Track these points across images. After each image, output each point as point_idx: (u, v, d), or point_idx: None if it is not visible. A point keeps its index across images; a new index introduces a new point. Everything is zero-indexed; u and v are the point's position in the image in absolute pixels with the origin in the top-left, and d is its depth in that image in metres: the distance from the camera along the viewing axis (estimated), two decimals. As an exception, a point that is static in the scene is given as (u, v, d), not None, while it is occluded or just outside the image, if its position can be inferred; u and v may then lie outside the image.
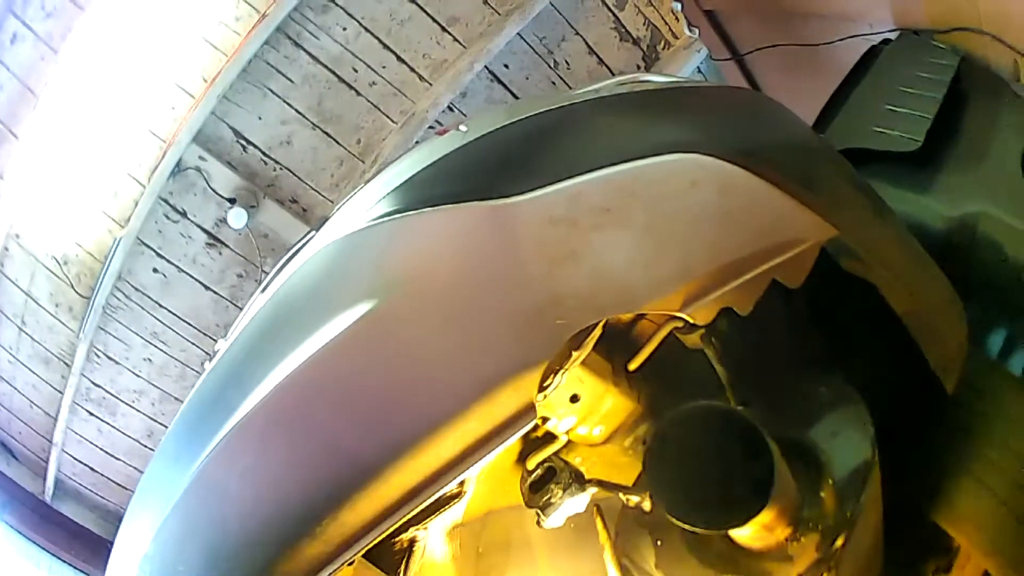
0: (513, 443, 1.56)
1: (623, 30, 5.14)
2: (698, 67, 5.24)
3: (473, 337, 1.29)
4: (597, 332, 1.38)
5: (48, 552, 5.36)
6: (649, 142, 1.42)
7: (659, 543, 1.71)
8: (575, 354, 1.39)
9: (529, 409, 1.27)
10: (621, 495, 1.72)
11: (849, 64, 3.26)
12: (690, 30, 4.89)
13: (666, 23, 5.22)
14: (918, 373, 1.69)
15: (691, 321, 1.37)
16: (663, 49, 5.31)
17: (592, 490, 1.70)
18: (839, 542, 1.53)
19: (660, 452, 1.44)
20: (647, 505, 1.69)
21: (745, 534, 1.56)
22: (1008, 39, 2.72)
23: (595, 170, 1.35)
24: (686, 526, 1.43)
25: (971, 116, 2.75)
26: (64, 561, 5.38)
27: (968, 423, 1.89)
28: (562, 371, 1.40)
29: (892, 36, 3.29)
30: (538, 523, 1.70)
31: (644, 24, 5.19)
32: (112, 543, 1.65)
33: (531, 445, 1.76)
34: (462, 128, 1.52)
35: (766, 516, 1.44)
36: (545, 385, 1.37)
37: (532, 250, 1.30)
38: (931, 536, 1.89)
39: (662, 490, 1.43)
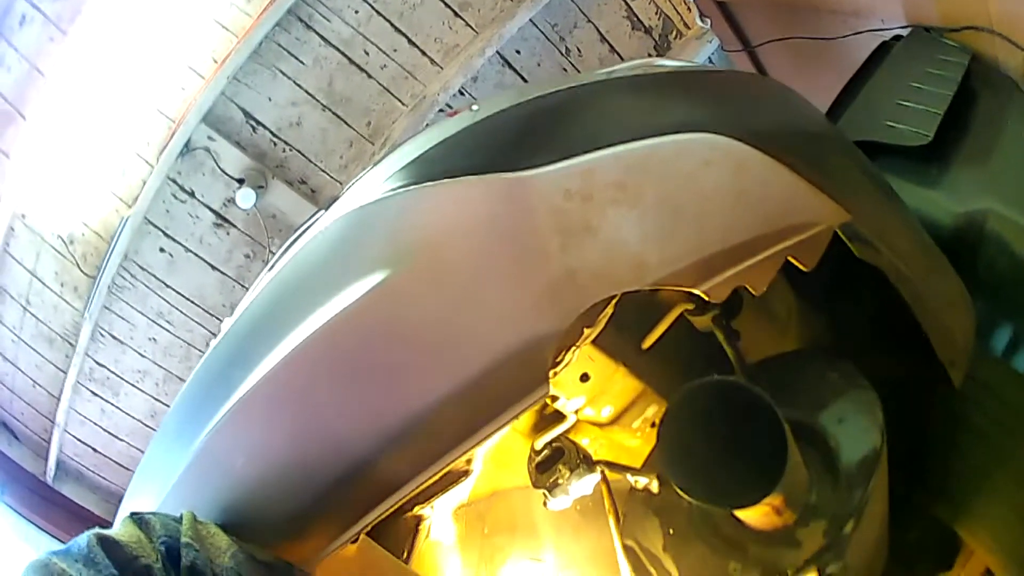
0: (521, 422, 1.56)
1: (635, 19, 5.13)
2: (709, 58, 5.22)
3: (485, 309, 1.28)
4: (609, 310, 1.37)
5: (49, 533, 5.35)
6: (664, 121, 1.41)
7: (671, 532, 1.71)
8: (587, 331, 1.38)
9: (541, 382, 1.27)
10: (629, 476, 1.72)
11: (859, 59, 3.26)
12: (702, 20, 4.90)
13: (678, 13, 5.20)
14: (925, 366, 1.69)
15: (705, 299, 1.36)
16: (675, 39, 5.29)
17: (599, 471, 1.71)
18: (847, 529, 1.53)
19: (673, 425, 1.44)
20: (655, 487, 1.70)
21: (754, 515, 1.56)
22: (1017, 39, 2.72)
23: (610, 146, 1.34)
24: (696, 502, 1.43)
25: (980, 114, 2.75)
26: (65, 543, 5.36)
27: (983, 426, 1.89)
28: (574, 348, 1.40)
29: (903, 33, 3.28)
30: (545, 504, 1.71)
31: (656, 13, 5.18)
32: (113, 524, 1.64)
33: (539, 425, 1.76)
34: (473, 108, 1.51)
35: (776, 498, 1.44)
36: (556, 362, 1.37)
37: (546, 223, 1.29)
38: (933, 531, 1.89)
39: (673, 464, 1.42)
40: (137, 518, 1.18)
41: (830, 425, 1.67)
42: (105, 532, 1.13)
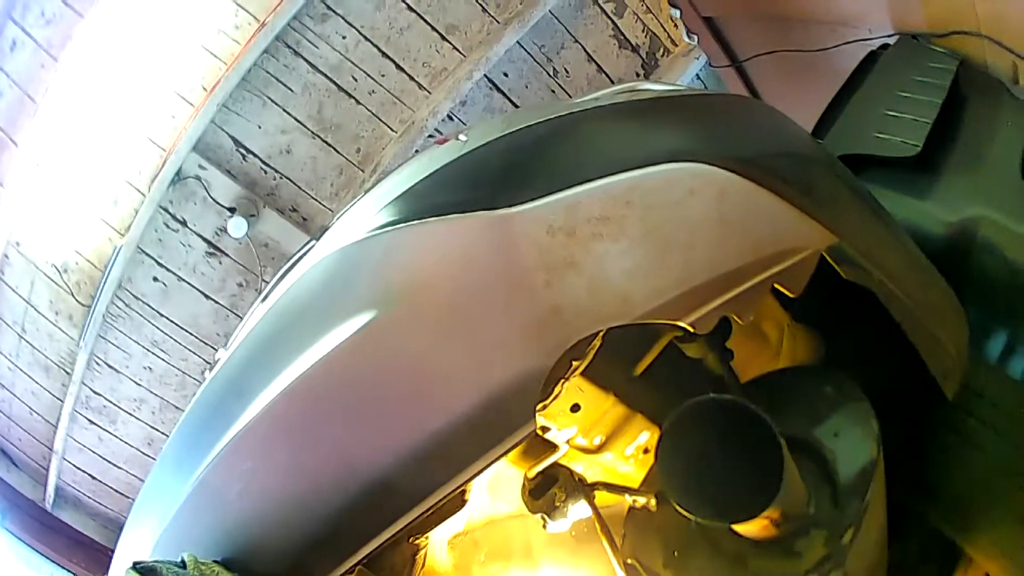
0: (514, 452, 1.56)
1: (622, 37, 5.14)
2: (697, 74, 5.25)
3: (472, 347, 1.29)
4: (597, 342, 1.37)
5: (49, 559, 5.35)
6: (646, 151, 1.41)
7: (675, 554, 1.71)
8: (576, 364, 1.38)
9: (529, 418, 1.27)
10: (627, 496, 1.72)
11: (848, 69, 3.26)
12: (689, 37, 4.90)
13: (665, 30, 5.22)
14: (920, 377, 1.69)
15: (692, 330, 1.36)
16: (662, 56, 5.31)
17: (596, 493, 1.70)
18: (846, 538, 1.52)
19: (671, 443, 1.43)
20: (653, 506, 1.69)
21: (753, 528, 1.56)
22: (1006, 42, 2.71)
23: (593, 180, 1.34)
24: (696, 518, 1.43)
25: (970, 120, 2.75)
26: (65, 568, 5.38)
27: (980, 433, 1.89)
28: (563, 381, 1.40)
29: (891, 41, 3.29)
30: (544, 527, 1.70)
31: (643, 31, 5.20)
32: (113, 551, 1.65)
33: (532, 454, 1.75)
34: (461, 138, 1.51)
35: (774, 511, 1.44)
36: (546, 395, 1.36)
37: (531, 260, 1.29)
38: (934, 540, 1.89)
39: (672, 481, 1.42)
40: (141, 567, 1.18)
41: (826, 439, 1.66)
42: None
